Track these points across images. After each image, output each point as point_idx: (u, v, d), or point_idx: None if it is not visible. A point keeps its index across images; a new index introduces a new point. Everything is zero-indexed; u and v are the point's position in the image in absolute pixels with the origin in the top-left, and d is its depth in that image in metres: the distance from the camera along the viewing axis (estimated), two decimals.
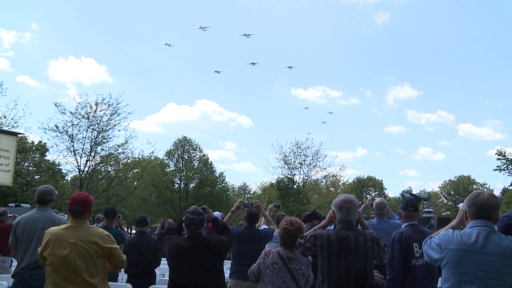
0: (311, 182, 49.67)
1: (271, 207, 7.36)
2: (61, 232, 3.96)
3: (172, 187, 46.99)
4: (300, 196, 41.50)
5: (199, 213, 4.44)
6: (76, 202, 4.04)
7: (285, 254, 4.10)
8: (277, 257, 4.10)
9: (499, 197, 51.99)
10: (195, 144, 48.32)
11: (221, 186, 50.13)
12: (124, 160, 34.87)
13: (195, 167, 47.64)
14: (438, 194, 72.64)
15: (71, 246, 3.85)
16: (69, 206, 4.04)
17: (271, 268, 4.07)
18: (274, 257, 4.10)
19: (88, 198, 4.15)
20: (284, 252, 4.11)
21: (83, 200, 4.07)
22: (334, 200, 3.80)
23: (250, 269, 4.25)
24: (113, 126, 32.33)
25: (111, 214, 7.36)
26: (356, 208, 3.73)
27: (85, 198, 4.11)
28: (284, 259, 4.08)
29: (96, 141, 31.89)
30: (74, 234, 3.92)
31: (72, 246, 3.85)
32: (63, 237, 3.90)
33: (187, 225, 4.38)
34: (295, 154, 47.81)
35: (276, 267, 4.07)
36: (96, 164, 33.53)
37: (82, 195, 4.15)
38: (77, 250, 3.86)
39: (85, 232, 3.98)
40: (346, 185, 61.27)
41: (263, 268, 4.12)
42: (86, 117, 31.32)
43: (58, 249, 3.85)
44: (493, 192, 15.58)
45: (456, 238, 2.94)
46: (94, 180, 33.55)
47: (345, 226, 3.63)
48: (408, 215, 4.97)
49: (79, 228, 3.99)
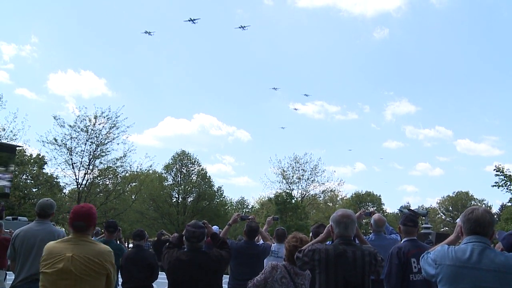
0: (309, 197, 49.58)
1: (269, 219, 7.36)
2: (58, 246, 3.60)
3: (170, 201, 46.82)
4: (298, 211, 41.36)
5: (199, 227, 4.46)
6: (80, 216, 3.65)
7: (292, 269, 4.11)
8: (285, 272, 4.11)
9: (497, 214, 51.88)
10: (194, 158, 48.39)
11: (219, 201, 49.97)
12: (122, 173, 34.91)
13: (193, 181, 47.54)
14: (436, 210, 72.46)
15: (68, 261, 3.49)
16: (72, 220, 3.65)
17: (279, 282, 4.08)
18: (282, 271, 4.11)
19: (93, 211, 3.77)
20: (291, 267, 4.12)
21: (88, 215, 3.69)
22: (332, 215, 3.81)
23: (253, 282, 4.18)
24: (111, 139, 32.49)
25: (112, 227, 7.33)
26: (354, 223, 3.75)
27: (89, 211, 3.73)
28: (291, 274, 4.10)
29: (94, 154, 31.92)
30: (73, 248, 3.55)
31: (69, 261, 3.49)
32: (59, 251, 3.55)
33: (188, 238, 4.39)
34: (293, 169, 47.91)
35: (284, 281, 4.08)
36: (94, 178, 33.48)
37: (86, 208, 3.76)
38: (75, 265, 3.49)
39: (86, 246, 3.60)
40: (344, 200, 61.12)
41: (271, 282, 4.11)
42: (85, 130, 31.43)
43: (53, 264, 3.50)
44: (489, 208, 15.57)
45: (451, 254, 2.95)
46: (92, 194, 33.46)
47: (343, 241, 3.64)
48: (408, 230, 4.98)
49: (79, 242, 3.62)
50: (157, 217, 45.35)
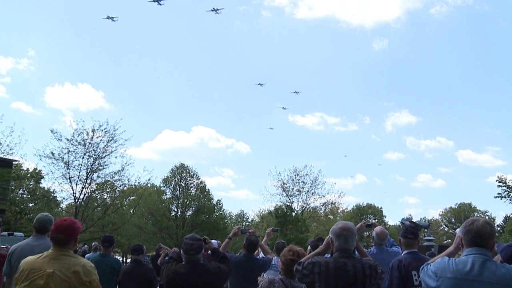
0: (310, 209, 49.50)
1: (269, 231, 7.34)
2: (38, 262, 3.57)
3: (168, 214, 46.69)
4: (299, 224, 41.29)
5: (197, 239, 4.48)
6: (61, 229, 3.67)
7: (289, 283, 4.11)
8: (282, 286, 4.10)
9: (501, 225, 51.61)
10: (192, 171, 48.37)
11: (219, 214, 49.85)
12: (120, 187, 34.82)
13: (192, 195, 47.46)
14: (438, 221, 72.21)
15: (49, 277, 3.47)
16: (53, 233, 3.68)
17: None
18: (279, 285, 4.10)
19: (75, 225, 3.78)
20: (288, 281, 4.12)
21: (69, 228, 3.70)
22: (332, 227, 3.81)
23: None
24: (109, 152, 32.47)
25: (107, 242, 7.31)
26: (355, 235, 3.74)
27: (71, 225, 3.74)
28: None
29: (92, 168, 31.90)
30: (54, 264, 3.54)
31: (49, 277, 3.47)
32: (39, 267, 3.53)
33: (185, 250, 4.40)
34: (293, 181, 47.93)
35: None
36: (92, 192, 33.41)
37: (68, 221, 3.77)
38: (55, 281, 3.47)
39: (66, 261, 3.59)
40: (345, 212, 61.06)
41: None
42: (83, 144, 31.44)
43: (33, 281, 3.46)
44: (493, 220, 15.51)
45: (452, 266, 2.95)
46: (90, 208, 33.33)
47: (343, 254, 3.63)
48: (408, 243, 4.98)
49: (60, 257, 3.61)
50: (155, 231, 45.18)
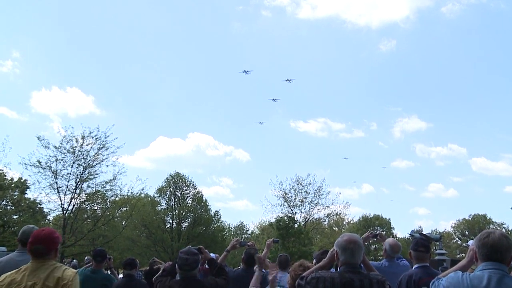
0: (313, 221, 49.42)
1: (269, 242, 7.28)
2: (18, 275, 3.62)
3: (163, 226, 46.66)
4: (302, 236, 41.19)
5: (193, 253, 4.45)
6: (40, 240, 3.72)
7: None
8: None
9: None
10: (189, 180, 48.40)
11: (216, 226, 49.83)
12: (112, 197, 34.71)
13: (188, 205, 47.46)
14: (451, 234, 71.91)
15: None
16: (31, 245, 3.73)
17: None
18: None
19: (54, 235, 3.85)
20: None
21: (47, 237, 3.76)
22: (337, 240, 3.77)
23: None
24: (100, 161, 32.39)
25: (100, 257, 7.24)
26: (361, 249, 3.71)
27: (50, 235, 3.80)
28: None
29: (82, 177, 31.80)
30: (34, 276, 3.59)
31: None
32: (19, 281, 3.57)
33: (180, 265, 4.38)
34: (295, 191, 47.87)
35: None
36: (82, 202, 33.29)
37: (46, 231, 3.84)
38: None
39: (48, 271, 3.63)
40: (351, 224, 61.02)
41: None
42: (72, 152, 31.37)
43: None
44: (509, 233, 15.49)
45: (466, 281, 2.92)
46: (79, 220, 33.24)
47: (350, 268, 3.59)
48: (419, 256, 4.96)
49: (41, 267, 3.66)
50: (149, 245, 45.12)
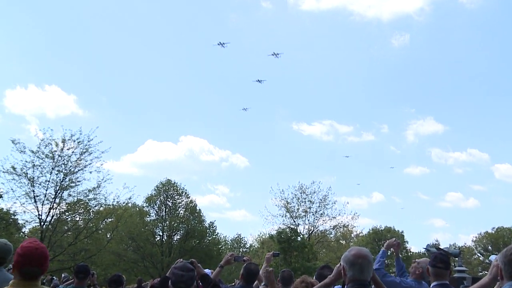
0: (318, 233, 49.47)
1: (269, 256, 7.35)
2: None
3: (153, 239, 46.64)
4: (305, 250, 41.18)
5: (188, 269, 4.46)
6: (35, 261, 3.52)
7: None
8: None
9: None
10: (181, 188, 48.47)
11: (211, 238, 49.86)
12: (95, 207, 34.64)
13: (180, 216, 47.48)
14: (471, 249, 71.54)
15: None
16: (23, 266, 3.51)
17: None
18: None
19: (47, 252, 3.67)
20: None
21: (43, 258, 3.58)
22: (344, 254, 3.79)
23: None
24: (83, 167, 32.34)
25: (82, 273, 7.20)
26: (371, 264, 3.73)
27: (44, 253, 3.61)
28: None
29: (62, 185, 31.72)
30: None
31: None
32: None
33: (174, 283, 4.39)
34: (298, 200, 47.95)
35: None
36: (62, 213, 33.20)
37: (40, 249, 3.59)
38: None
39: None
40: (360, 237, 61.02)
41: None
42: (51, 157, 31.28)
43: None
44: None
45: None
46: (59, 232, 33.10)
47: (358, 286, 3.62)
48: (437, 273, 4.98)
49: None
50: (137, 259, 45.12)
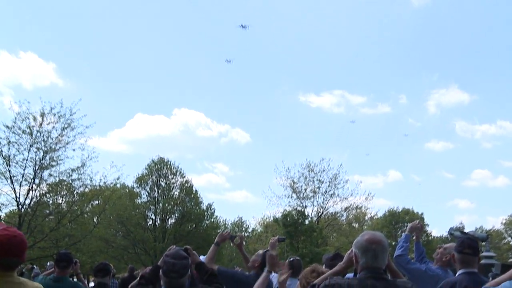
0: (328, 216, 49.76)
1: (273, 241, 7.30)
2: None
3: (144, 224, 47.03)
4: (314, 235, 41.50)
5: (182, 257, 4.39)
6: (13, 250, 3.58)
7: None
8: None
9: None
10: (175, 167, 48.67)
11: (210, 222, 50.25)
12: (80, 188, 34.72)
13: (175, 197, 47.80)
14: (501, 233, 71.79)
15: None
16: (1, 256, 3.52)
17: None
18: None
19: (25, 240, 3.72)
20: None
21: (22, 246, 3.66)
22: (356, 239, 3.78)
23: None
24: (65, 144, 32.26)
25: (64, 262, 7.18)
26: (386, 250, 3.70)
27: (23, 241, 3.67)
28: None
29: (41, 164, 31.74)
30: None
31: None
32: None
33: (166, 272, 4.33)
34: (306, 180, 47.95)
35: None
36: (42, 195, 33.30)
37: (18, 237, 3.64)
38: None
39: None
40: (374, 220, 61.33)
41: None
42: (28, 133, 31.18)
43: None
44: None
45: None
46: (39, 216, 33.23)
47: (372, 274, 3.57)
48: (464, 260, 4.97)
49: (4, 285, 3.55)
50: (127, 246, 45.66)
